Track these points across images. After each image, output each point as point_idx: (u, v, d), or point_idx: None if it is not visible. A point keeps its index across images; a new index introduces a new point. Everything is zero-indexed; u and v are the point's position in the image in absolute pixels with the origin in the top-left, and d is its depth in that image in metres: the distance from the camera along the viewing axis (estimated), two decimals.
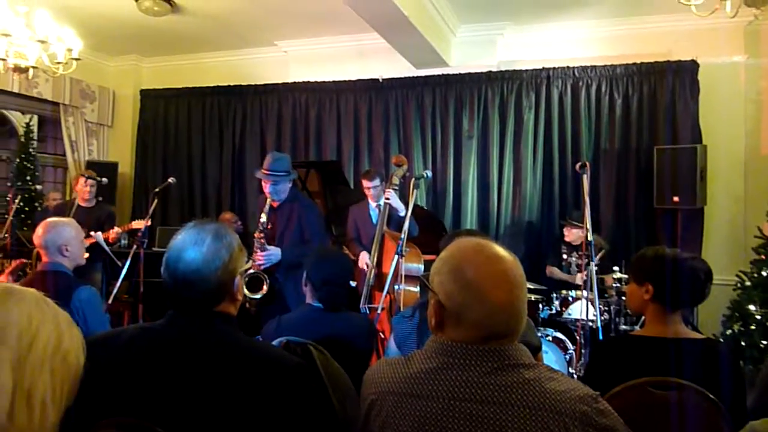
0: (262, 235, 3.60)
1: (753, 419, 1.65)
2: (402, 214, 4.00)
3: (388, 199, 4.09)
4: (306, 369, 1.52)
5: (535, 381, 1.08)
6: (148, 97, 6.93)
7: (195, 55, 6.76)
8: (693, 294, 1.84)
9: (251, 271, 3.48)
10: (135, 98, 6.99)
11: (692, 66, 5.00)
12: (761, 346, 4.18)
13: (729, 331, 4.39)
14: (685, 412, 1.62)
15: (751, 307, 4.28)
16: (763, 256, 4.38)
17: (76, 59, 4.14)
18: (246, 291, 3.41)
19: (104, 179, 5.04)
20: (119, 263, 4.24)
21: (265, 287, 3.50)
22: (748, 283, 4.42)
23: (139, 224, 4.42)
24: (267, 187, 3.64)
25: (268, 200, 3.66)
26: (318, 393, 1.66)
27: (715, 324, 4.59)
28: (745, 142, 5.08)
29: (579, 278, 4.52)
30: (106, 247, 4.53)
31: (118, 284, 4.00)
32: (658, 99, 5.12)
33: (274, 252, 3.59)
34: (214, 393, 1.26)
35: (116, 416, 1.22)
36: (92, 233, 4.41)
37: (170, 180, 4.47)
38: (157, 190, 4.30)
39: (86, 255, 2.74)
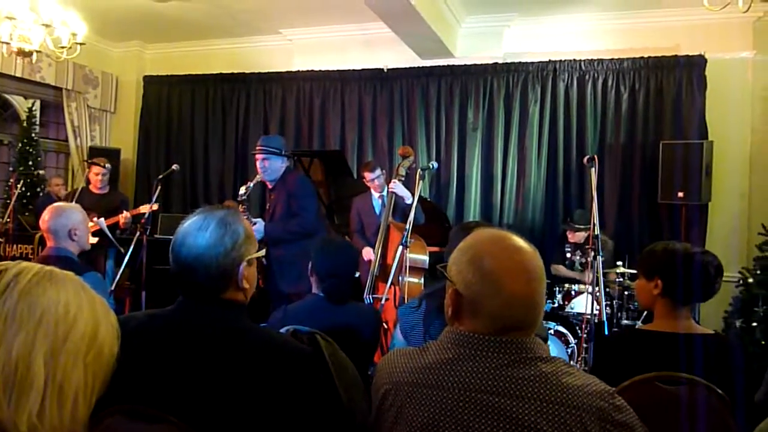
0: (244, 208, 3.69)
1: (762, 414, 1.64)
2: (408, 201, 3.99)
3: (393, 189, 4.09)
4: (315, 357, 1.51)
5: (552, 375, 1.07)
6: (151, 83, 6.90)
7: (199, 42, 6.71)
8: (704, 288, 1.83)
9: None
10: (138, 84, 6.95)
11: (700, 61, 4.97)
12: (763, 343, 4.18)
13: (731, 328, 4.39)
14: (694, 407, 1.62)
15: (754, 305, 4.28)
16: (767, 254, 4.37)
17: (81, 44, 4.11)
18: None
19: (107, 165, 5.03)
20: (122, 250, 4.22)
21: (264, 262, 3.53)
22: (751, 280, 4.41)
23: (145, 209, 4.42)
24: (258, 164, 3.76)
25: (258, 177, 3.76)
26: (326, 382, 1.65)
27: (717, 320, 4.58)
28: (751, 138, 5.06)
29: (587, 276, 4.51)
30: (109, 233, 4.51)
31: (121, 271, 3.99)
32: (664, 94, 5.10)
33: (258, 227, 3.62)
34: (223, 379, 1.25)
35: (124, 403, 1.21)
36: (95, 219, 4.40)
37: (174, 167, 4.45)
38: (160, 177, 4.27)
39: (93, 240, 2.73)
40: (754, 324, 4.26)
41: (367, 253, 4.19)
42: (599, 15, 5.32)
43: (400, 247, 3.40)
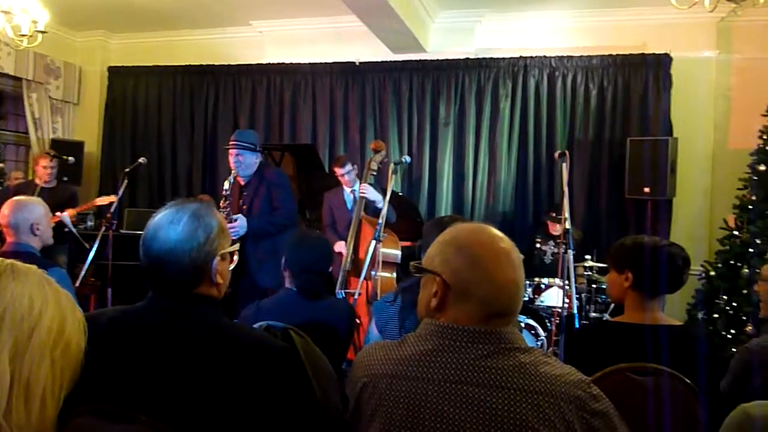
0: (227, 203, 3.60)
1: (727, 402, 1.69)
2: (379, 205, 3.99)
3: (364, 193, 4.08)
4: (290, 353, 1.49)
5: (530, 365, 1.09)
6: (116, 74, 6.72)
7: (166, 32, 6.56)
8: (672, 280, 1.87)
9: None
10: (102, 75, 6.77)
11: (666, 60, 5.09)
12: (723, 333, 4.31)
13: (694, 320, 4.52)
14: (663, 396, 1.65)
15: (716, 297, 4.41)
16: (728, 247, 4.51)
17: (42, 32, 3.98)
18: None
19: (71, 158, 4.88)
20: (86, 245, 4.12)
21: (235, 258, 3.43)
22: (713, 273, 4.55)
23: (103, 201, 4.30)
24: (231, 159, 3.67)
25: (233, 172, 3.65)
26: (300, 378, 1.64)
27: (681, 313, 4.71)
28: (714, 136, 5.20)
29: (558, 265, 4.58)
30: (73, 228, 4.39)
31: (86, 267, 3.89)
32: (631, 91, 5.20)
33: (240, 224, 3.55)
34: (197, 376, 1.23)
35: (96, 401, 1.17)
36: (58, 213, 4.27)
37: (141, 160, 4.35)
38: (127, 170, 4.18)
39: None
40: (716, 315, 4.40)
41: (339, 246, 4.17)
42: (569, 13, 5.39)
43: (373, 242, 3.39)
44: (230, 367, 1.24)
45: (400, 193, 5.42)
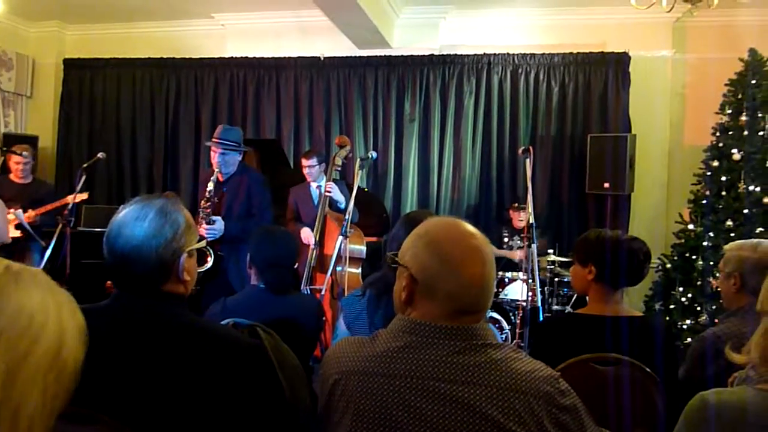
0: (208, 204, 3.47)
1: (685, 389, 1.75)
2: (342, 206, 3.99)
3: (329, 192, 4.06)
4: (258, 350, 1.49)
5: (501, 361, 1.10)
6: (72, 66, 6.50)
7: (125, 24, 6.38)
8: (633, 273, 1.92)
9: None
10: (57, 67, 6.53)
11: (624, 58, 5.22)
12: (679, 324, 4.46)
13: (651, 311, 4.66)
14: (625, 385, 1.70)
15: (672, 288, 4.56)
16: (683, 240, 4.66)
17: None
18: None
19: (27, 153, 4.71)
20: (43, 243, 3.99)
21: (210, 260, 3.37)
22: (669, 266, 4.70)
23: (76, 198, 4.15)
24: (215, 157, 3.55)
25: (215, 171, 3.54)
26: (268, 374, 1.63)
27: (638, 304, 4.84)
28: (670, 132, 5.36)
29: (519, 254, 4.66)
30: (28, 226, 4.25)
31: (41, 265, 3.77)
32: (592, 88, 5.32)
33: (218, 226, 3.45)
34: (165, 374, 1.21)
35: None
36: (12, 210, 4.12)
37: (99, 155, 4.23)
38: (85, 165, 4.05)
39: (16, 234, 2.55)
40: (672, 306, 4.55)
41: (306, 233, 4.12)
42: (533, 11, 5.47)
43: (339, 238, 3.39)
44: (198, 364, 1.23)
45: (366, 189, 5.43)
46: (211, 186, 3.49)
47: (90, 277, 3.88)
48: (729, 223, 4.39)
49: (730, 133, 4.55)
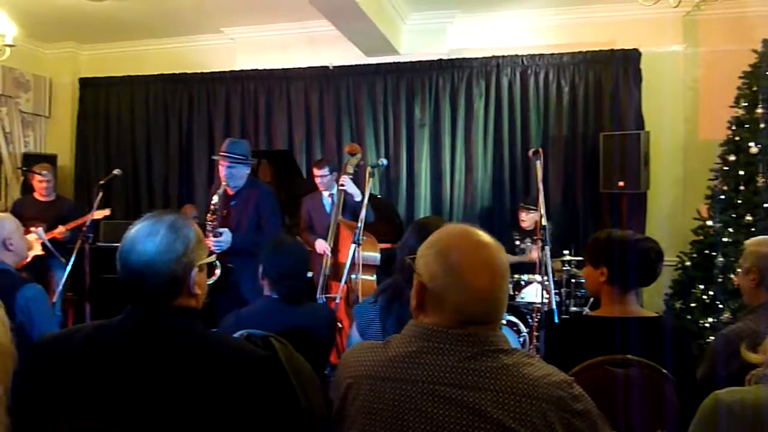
0: (214, 217, 3.47)
1: (702, 390, 1.73)
2: (358, 199, 3.97)
3: (342, 185, 4.06)
4: (272, 361, 1.50)
5: (513, 366, 1.09)
6: (87, 85, 6.64)
7: (137, 42, 6.49)
8: (646, 274, 1.91)
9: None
10: (74, 87, 6.68)
11: (635, 55, 5.18)
12: (700, 322, 4.39)
13: (672, 310, 4.60)
14: (640, 386, 1.69)
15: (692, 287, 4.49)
16: (702, 237, 4.59)
17: (10, 46, 3.92)
18: None
19: (47, 172, 4.82)
20: (63, 260, 4.06)
21: (217, 272, 3.38)
22: (688, 263, 4.63)
23: (99, 214, 4.25)
24: (223, 171, 3.54)
25: (223, 184, 3.54)
26: (283, 385, 1.64)
27: (658, 303, 4.78)
28: (684, 127, 5.30)
29: (534, 252, 4.61)
30: (49, 244, 4.32)
31: (62, 281, 3.83)
32: (603, 87, 5.28)
33: (225, 238, 3.44)
34: (176, 389, 1.22)
35: (74, 419, 1.16)
36: (33, 229, 4.20)
37: (116, 172, 4.30)
38: (102, 182, 4.11)
39: (35, 251, 2.61)
40: (693, 305, 4.48)
41: (320, 244, 4.13)
42: (539, 11, 5.45)
43: (353, 245, 3.40)
44: (212, 378, 1.24)
45: (378, 195, 5.44)
46: (216, 199, 3.50)
47: (110, 291, 3.93)
48: (748, 218, 4.31)
49: (746, 126, 4.47)
